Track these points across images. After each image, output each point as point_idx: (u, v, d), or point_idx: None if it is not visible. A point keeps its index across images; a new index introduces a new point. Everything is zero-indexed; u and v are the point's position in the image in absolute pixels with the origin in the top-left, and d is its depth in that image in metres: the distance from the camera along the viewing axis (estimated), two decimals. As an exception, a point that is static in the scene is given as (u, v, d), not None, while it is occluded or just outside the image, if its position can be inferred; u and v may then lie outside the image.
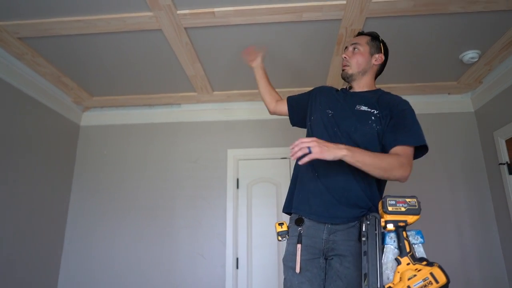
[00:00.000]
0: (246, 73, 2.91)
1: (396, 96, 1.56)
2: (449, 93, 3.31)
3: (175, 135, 3.52)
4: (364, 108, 1.50)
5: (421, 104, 3.26)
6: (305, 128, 1.75)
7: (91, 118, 3.64)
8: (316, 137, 1.43)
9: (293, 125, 1.87)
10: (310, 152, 1.28)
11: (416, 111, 1.53)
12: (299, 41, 2.48)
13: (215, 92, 3.28)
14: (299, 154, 1.29)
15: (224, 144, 3.44)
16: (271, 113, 1.94)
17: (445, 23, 2.28)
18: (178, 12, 2.14)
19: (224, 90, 3.25)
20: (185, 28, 2.29)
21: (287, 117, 1.87)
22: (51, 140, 3.20)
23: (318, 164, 1.44)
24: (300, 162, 1.30)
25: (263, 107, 3.44)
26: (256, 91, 3.21)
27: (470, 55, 2.64)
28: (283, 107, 1.86)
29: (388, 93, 1.58)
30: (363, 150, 1.34)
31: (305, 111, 1.73)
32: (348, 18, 2.19)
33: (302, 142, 1.29)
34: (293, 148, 1.30)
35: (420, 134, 1.42)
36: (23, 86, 2.84)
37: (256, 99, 3.38)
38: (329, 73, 2.91)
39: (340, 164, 1.35)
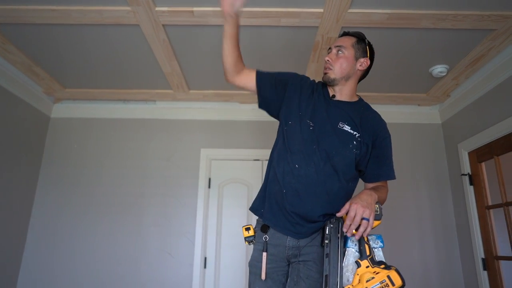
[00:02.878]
0: (223, 73, 2.91)
1: (377, 115, 1.53)
2: (418, 105, 3.44)
3: (148, 132, 3.48)
4: (346, 128, 1.43)
5: (392, 113, 3.37)
6: (271, 113, 1.58)
7: (62, 110, 3.55)
8: (293, 151, 1.43)
9: (259, 107, 1.59)
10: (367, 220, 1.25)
11: (387, 120, 1.57)
12: (276, 46, 2.52)
13: (191, 91, 3.27)
14: (361, 230, 1.24)
15: (198, 143, 3.43)
16: (230, 80, 1.57)
17: (417, 37, 2.38)
18: (157, 8, 2.12)
19: (201, 89, 3.25)
20: (163, 25, 2.28)
21: (258, 109, 1.65)
22: (18, 131, 3.09)
23: (285, 183, 1.41)
24: (357, 237, 1.26)
25: (239, 108, 3.49)
26: (232, 91, 3.23)
27: (439, 69, 2.76)
28: (249, 80, 1.54)
29: (369, 108, 1.54)
30: (378, 191, 1.39)
31: (277, 97, 1.53)
32: (324, 26, 2.24)
33: (358, 214, 1.24)
34: (349, 224, 1.25)
35: (393, 167, 1.52)
36: (-9, 73, 2.74)
37: (232, 99, 3.40)
38: (305, 79, 2.96)
39: (307, 191, 1.38)
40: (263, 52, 2.60)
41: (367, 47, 1.54)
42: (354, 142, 1.41)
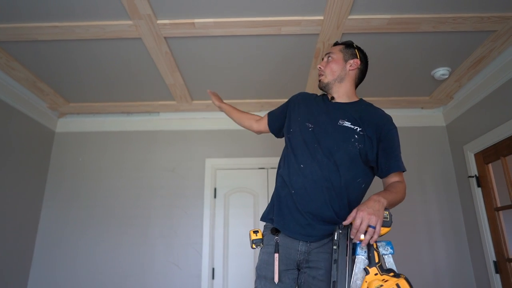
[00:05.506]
0: (225, 82, 2.94)
1: (380, 111, 1.56)
2: (422, 108, 3.43)
3: (152, 144, 3.50)
4: (347, 124, 1.47)
5: (396, 117, 3.27)
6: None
7: (66, 125, 3.57)
8: (296, 153, 1.47)
9: (277, 136, 1.82)
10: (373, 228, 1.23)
11: (391, 124, 1.59)
12: (278, 54, 2.53)
13: (194, 101, 3.28)
14: (368, 238, 1.22)
15: (202, 153, 3.44)
16: (257, 133, 1.90)
17: (418, 41, 2.38)
18: (158, 21, 2.15)
19: (203, 100, 3.26)
20: (165, 38, 2.30)
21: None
22: (24, 146, 3.11)
23: (293, 183, 1.45)
24: (363, 244, 1.24)
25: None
26: (234, 100, 3.24)
27: (441, 72, 2.75)
28: (265, 124, 1.82)
29: (371, 106, 1.58)
30: (389, 192, 1.37)
31: (283, 120, 1.70)
32: (325, 33, 2.25)
33: (363, 222, 1.22)
34: (356, 231, 1.23)
35: (401, 158, 1.51)
36: (-4, 91, 2.78)
37: (235, 109, 3.40)
38: (307, 86, 2.97)
39: (314, 186, 1.40)
40: (264, 60, 2.61)
41: (356, 50, 1.62)
42: (356, 136, 1.44)
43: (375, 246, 1.28)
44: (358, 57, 1.61)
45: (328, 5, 2.00)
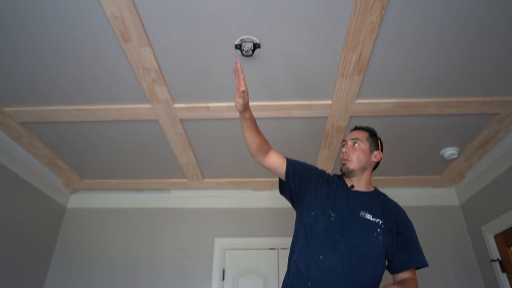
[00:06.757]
0: (237, 162, 2.99)
1: (395, 203, 1.57)
2: (434, 186, 3.40)
3: (162, 222, 3.46)
4: (369, 216, 1.43)
5: (407, 197, 3.32)
6: (291, 201, 1.64)
7: (78, 200, 3.60)
8: (315, 241, 1.38)
9: (281, 192, 1.67)
10: None
11: (403, 204, 1.58)
12: (288, 135, 2.61)
13: (206, 180, 3.32)
14: None
15: (212, 232, 3.37)
16: (257, 160, 1.63)
17: (424, 123, 2.45)
18: (175, 105, 2.28)
19: (214, 178, 3.30)
20: (181, 120, 2.42)
21: (277, 197, 1.74)
22: (34, 220, 3.11)
23: (310, 276, 1.35)
24: None
25: (252, 196, 3.49)
26: (245, 179, 3.26)
27: (450, 151, 2.77)
28: (278, 164, 1.61)
29: (386, 197, 1.58)
30: (403, 286, 1.35)
31: (302, 187, 1.57)
32: (334, 116, 2.35)
33: None
34: None
35: (422, 253, 1.46)
36: (15, 167, 2.86)
37: (245, 187, 3.42)
38: (317, 165, 3.01)
39: (334, 282, 1.30)
40: (275, 141, 2.67)
41: (378, 141, 1.65)
42: (378, 230, 1.40)
43: None
44: (380, 148, 1.65)
45: (335, 91, 2.12)
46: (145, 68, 1.97)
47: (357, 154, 1.57)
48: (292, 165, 1.61)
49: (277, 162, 1.61)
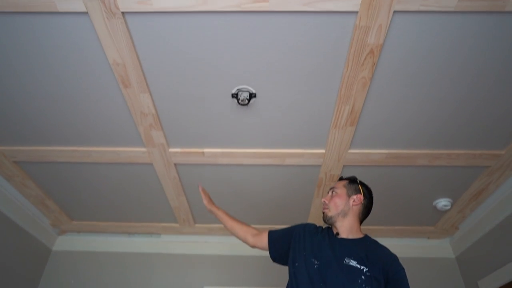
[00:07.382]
0: (230, 208, 2.95)
1: (386, 249, 1.55)
2: (428, 237, 3.36)
3: (150, 267, 3.34)
4: (353, 263, 1.44)
5: (401, 247, 3.26)
6: (285, 265, 1.70)
7: (65, 243, 3.48)
8: None
9: (273, 261, 1.80)
10: None
11: (397, 254, 1.55)
12: (282, 182, 2.62)
13: (197, 225, 3.26)
14: None
15: (201, 280, 3.24)
16: (252, 246, 1.85)
17: (417, 173, 2.48)
18: (170, 150, 2.30)
19: (206, 223, 3.25)
20: (175, 164, 2.43)
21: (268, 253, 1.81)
22: (17, 262, 2.98)
23: None
24: None
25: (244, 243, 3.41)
26: (238, 225, 3.21)
27: (442, 202, 2.78)
28: (263, 242, 1.79)
29: (376, 243, 1.58)
30: None
31: (286, 248, 1.69)
32: (327, 164, 2.38)
33: None
34: None
35: None
36: (3, 206, 2.80)
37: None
38: (310, 214, 2.99)
39: None
40: (268, 188, 2.69)
41: (360, 186, 1.70)
42: (363, 277, 1.39)
43: None
44: (362, 192, 1.68)
45: (328, 140, 2.17)
46: (143, 113, 2.02)
47: (333, 201, 1.65)
48: (272, 237, 1.79)
49: (261, 243, 1.80)
